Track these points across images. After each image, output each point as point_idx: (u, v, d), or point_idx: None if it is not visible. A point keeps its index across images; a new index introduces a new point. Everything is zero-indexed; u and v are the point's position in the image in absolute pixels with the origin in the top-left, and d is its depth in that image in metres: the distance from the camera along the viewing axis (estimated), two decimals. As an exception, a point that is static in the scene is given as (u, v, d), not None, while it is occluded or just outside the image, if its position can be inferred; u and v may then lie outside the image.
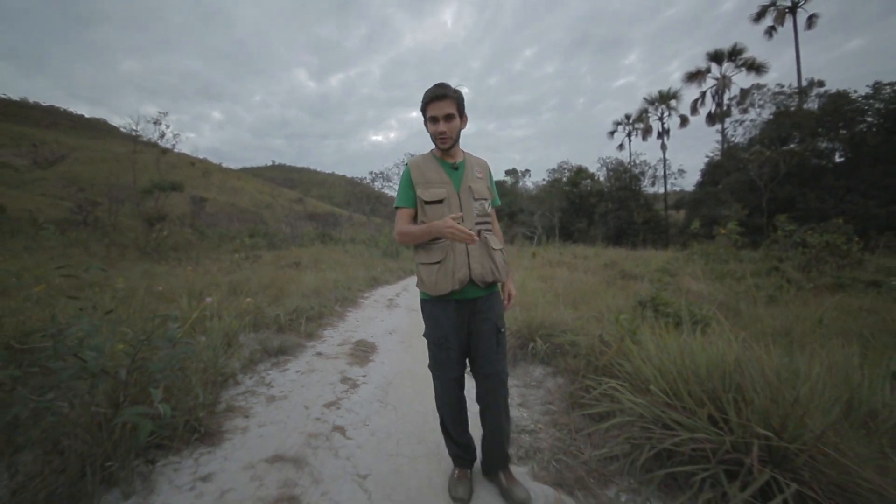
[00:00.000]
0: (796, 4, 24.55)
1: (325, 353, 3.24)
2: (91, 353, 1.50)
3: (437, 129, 1.42)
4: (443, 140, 1.44)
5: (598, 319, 3.31)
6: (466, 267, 1.42)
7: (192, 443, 1.77)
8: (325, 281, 6.25)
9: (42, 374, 1.56)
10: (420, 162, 1.52)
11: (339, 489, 1.55)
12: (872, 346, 2.99)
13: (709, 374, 1.67)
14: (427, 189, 1.44)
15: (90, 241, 12.22)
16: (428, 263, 1.45)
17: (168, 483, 1.53)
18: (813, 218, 16.59)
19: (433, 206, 1.44)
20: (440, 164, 1.50)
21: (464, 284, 1.43)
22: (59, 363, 1.51)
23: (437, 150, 1.52)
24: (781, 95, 22.65)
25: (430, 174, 1.47)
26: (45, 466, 1.35)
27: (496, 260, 1.49)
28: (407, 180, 1.49)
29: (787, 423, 1.33)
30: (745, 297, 5.66)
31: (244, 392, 2.39)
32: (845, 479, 1.17)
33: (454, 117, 1.41)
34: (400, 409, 2.28)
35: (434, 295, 1.45)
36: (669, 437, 1.48)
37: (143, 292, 4.49)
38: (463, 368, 1.54)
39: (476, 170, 1.54)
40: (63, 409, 1.47)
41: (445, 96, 1.38)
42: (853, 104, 19.71)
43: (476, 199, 1.47)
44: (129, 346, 1.72)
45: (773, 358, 1.79)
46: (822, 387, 1.65)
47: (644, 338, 2.17)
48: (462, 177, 1.49)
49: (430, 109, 1.41)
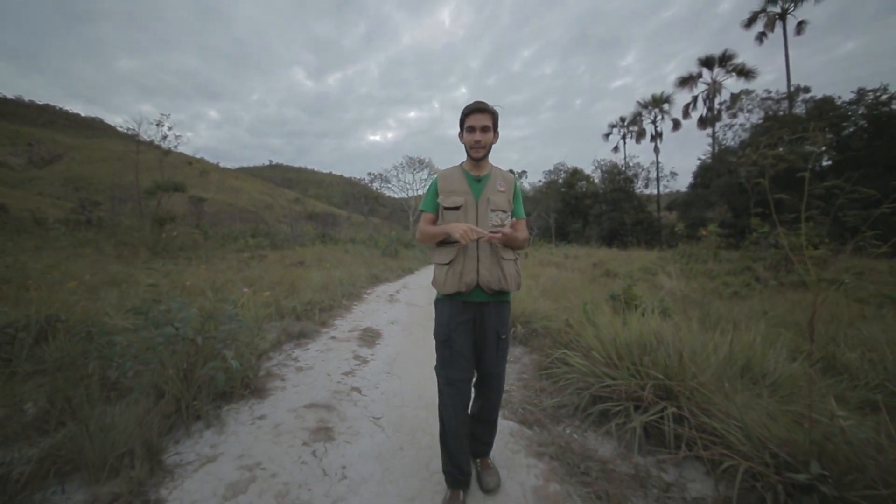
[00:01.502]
0: (786, 11, 25.18)
1: (338, 337, 3.80)
2: (180, 324, 2.05)
3: (473, 137, 1.51)
4: (477, 149, 1.53)
5: (569, 309, 3.88)
6: (475, 272, 1.49)
7: (246, 396, 2.33)
8: (330, 278, 6.79)
9: (139, 340, 2.11)
10: (447, 173, 1.62)
11: (359, 425, 2.11)
12: (799, 330, 3.61)
13: (635, 343, 2.24)
14: (448, 197, 1.55)
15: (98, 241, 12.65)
16: (441, 264, 1.55)
17: (234, 420, 2.09)
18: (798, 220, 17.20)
19: (450, 213, 1.54)
20: (465, 175, 1.59)
21: (470, 288, 1.49)
22: (153, 332, 2.05)
23: (466, 163, 1.62)
24: (769, 101, 23.35)
25: (454, 184, 1.57)
26: (153, 405, 1.90)
27: (505, 269, 1.52)
28: (433, 188, 1.61)
29: (673, 371, 1.90)
30: (710, 292, 6.26)
31: (276, 364, 2.95)
32: (708, 404, 1.74)
33: (489, 130, 1.52)
34: (403, 377, 2.84)
35: (443, 294, 1.56)
36: (600, 385, 2.05)
37: (170, 287, 5.01)
38: (469, 374, 1.55)
39: (499, 183, 1.58)
40: (159, 365, 2.02)
41: (485, 110, 1.50)
42: (837, 110, 20.34)
43: (493, 210, 1.53)
44: (197, 321, 2.27)
45: (688, 333, 2.37)
46: (720, 353, 2.22)
47: (598, 321, 2.74)
48: (483, 189, 1.56)
49: (470, 120, 1.51)
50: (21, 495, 1.40)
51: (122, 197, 23.98)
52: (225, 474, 1.64)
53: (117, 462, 1.58)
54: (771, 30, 25.63)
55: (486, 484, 1.59)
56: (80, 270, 6.41)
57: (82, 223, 17.23)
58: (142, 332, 2.14)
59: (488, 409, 1.66)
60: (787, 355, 2.51)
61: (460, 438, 1.52)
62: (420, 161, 27.85)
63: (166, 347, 2.09)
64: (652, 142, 30.84)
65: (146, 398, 1.93)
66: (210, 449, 1.82)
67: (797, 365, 2.29)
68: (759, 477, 1.38)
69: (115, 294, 4.51)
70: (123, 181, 24.30)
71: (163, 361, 2.07)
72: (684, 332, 2.41)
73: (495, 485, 1.59)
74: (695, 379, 1.88)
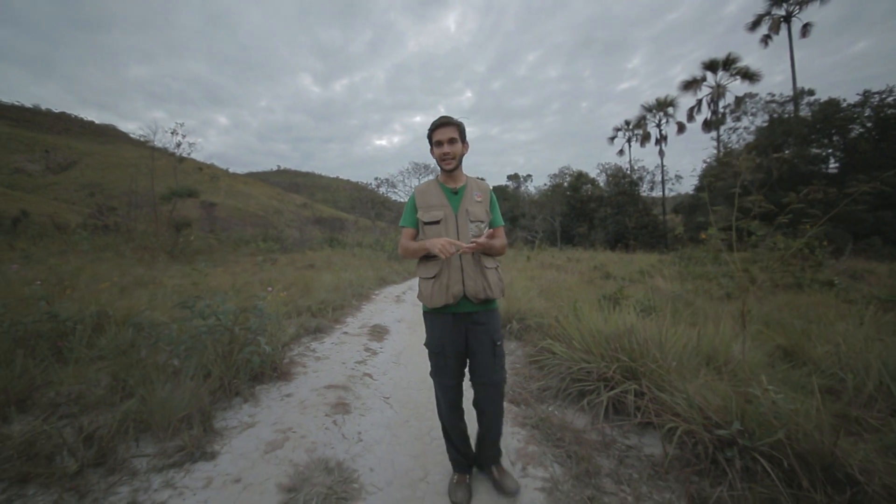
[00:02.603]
0: (791, 14, 25.20)
1: (350, 332, 4.17)
2: (222, 316, 2.43)
3: (441, 150, 1.56)
4: (447, 161, 1.57)
5: (562, 308, 4.20)
6: (460, 283, 1.52)
7: (274, 378, 2.71)
8: (340, 280, 7.19)
9: (186, 329, 2.49)
10: (424, 189, 1.66)
11: (371, 403, 2.47)
12: (776, 327, 3.90)
13: (611, 334, 2.57)
14: (427, 212, 1.59)
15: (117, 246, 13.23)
16: (426, 278, 1.58)
17: (266, 397, 2.46)
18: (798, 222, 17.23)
19: (431, 227, 1.58)
20: (442, 189, 1.63)
21: (457, 299, 1.53)
22: (199, 323, 2.44)
23: (441, 176, 1.66)
24: (773, 104, 23.39)
25: (432, 199, 1.61)
26: (202, 382, 2.28)
27: (489, 278, 1.56)
28: (412, 204, 1.65)
29: (637, 356, 2.23)
30: (703, 293, 6.52)
31: (297, 354, 3.33)
32: (663, 382, 2.06)
33: (456, 141, 1.56)
34: (408, 366, 3.20)
35: (431, 307, 1.58)
36: (578, 368, 2.39)
37: (195, 288, 5.44)
38: (460, 378, 1.63)
39: (476, 193, 1.62)
40: (204, 350, 2.40)
41: (449, 123, 1.56)
42: (843, 112, 20.30)
43: (472, 220, 1.57)
44: (232, 314, 2.65)
45: (657, 326, 2.69)
46: (683, 342, 2.54)
47: (582, 316, 3.07)
48: (461, 201, 1.60)
49: (437, 134, 1.57)
50: (108, 447, 1.78)
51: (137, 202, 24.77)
52: (263, 435, 2.02)
53: (178, 424, 1.96)
54: (776, 32, 25.66)
55: (507, 487, 1.60)
56: (106, 273, 6.87)
57: (99, 228, 17.93)
58: (188, 322, 2.53)
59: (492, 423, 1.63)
60: (752, 346, 2.82)
61: (459, 430, 1.67)
62: (425, 167, 28.38)
63: (209, 335, 2.48)
64: (657, 145, 30.96)
65: (195, 377, 2.32)
66: (249, 418, 2.20)
67: (757, 353, 2.60)
68: (695, 435, 1.70)
69: (145, 294, 4.95)
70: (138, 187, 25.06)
71: (207, 347, 2.45)
72: (655, 325, 2.73)
73: (515, 487, 1.60)
74: (655, 362, 2.20)
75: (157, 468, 1.70)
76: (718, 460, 1.60)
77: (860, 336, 3.21)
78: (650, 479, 1.70)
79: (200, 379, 2.26)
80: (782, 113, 22.67)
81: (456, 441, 1.67)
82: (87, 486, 1.56)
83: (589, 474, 1.74)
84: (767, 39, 26.10)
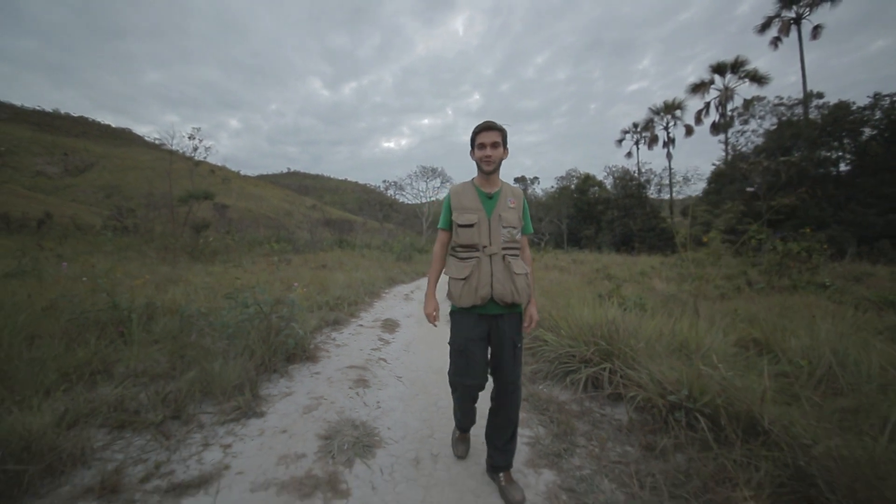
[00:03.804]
0: (801, 16, 25.07)
1: (364, 325, 4.62)
2: (262, 305, 2.89)
3: (484, 153, 1.61)
4: (488, 163, 1.61)
5: (559, 305, 4.58)
6: (489, 286, 1.57)
7: (303, 360, 3.15)
8: (352, 279, 7.66)
9: (232, 317, 2.95)
10: (460, 189, 1.70)
11: (386, 380, 2.90)
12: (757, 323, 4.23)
13: (595, 324, 2.95)
14: (462, 214, 1.63)
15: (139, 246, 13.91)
16: (457, 278, 1.63)
17: (298, 374, 2.91)
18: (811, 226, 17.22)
19: (464, 230, 1.62)
20: (477, 192, 1.66)
21: (485, 301, 1.58)
22: (242, 311, 2.89)
23: (477, 179, 1.70)
24: (781, 107, 23.33)
25: (467, 201, 1.65)
26: (248, 360, 2.73)
27: (517, 283, 1.60)
28: (447, 205, 1.69)
29: (612, 341, 2.62)
30: (699, 294, 6.82)
31: (320, 341, 3.78)
32: (633, 362, 2.44)
33: (499, 145, 1.61)
34: (417, 354, 3.62)
35: (459, 307, 1.64)
36: (563, 352, 2.78)
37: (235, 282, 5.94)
38: (482, 379, 1.66)
39: (510, 199, 1.65)
40: (248, 334, 2.86)
41: (494, 128, 1.61)
42: (853, 115, 20.18)
43: (504, 226, 1.61)
44: (270, 305, 3.11)
45: (636, 319, 3.06)
46: (661, 332, 2.91)
47: (572, 310, 3.45)
48: (495, 205, 1.63)
49: (481, 137, 1.62)
50: (181, 406, 2.22)
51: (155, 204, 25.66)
52: (300, 402, 2.46)
53: (232, 391, 2.41)
54: (786, 34, 25.52)
55: (512, 497, 1.57)
56: (137, 271, 7.43)
57: (119, 229, 18.72)
58: (232, 311, 2.99)
59: (507, 422, 1.68)
60: (725, 338, 3.17)
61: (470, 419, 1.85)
62: (433, 170, 28.91)
63: (251, 322, 2.93)
64: (664, 148, 30.97)
65: (242, 355, 2.77)
66: (286, 388, 2.64)
67: (727, 343, 2.95)
68: (653, 401, 2.08)
69: (178, 289, 5.45)
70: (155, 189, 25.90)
71: (250, 331, 2.91)
72: (634, 318, 3.11)
73: (521, 497, 1.58)
74: (628, 346, 2.58)
75: (220, 422, 2.15)
76: (669, 420, 1.98)
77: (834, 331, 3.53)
78: (615, 437, 2.09)
79: (247, 357, 2.71)
80: (791, 116, 22.61)
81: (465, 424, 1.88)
82: (170, 432, 2.01)
83: (566, 433, 2.13)
84: (777, 42, 25.99)
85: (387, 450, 1.98)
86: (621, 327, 2.79)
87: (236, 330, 2.85)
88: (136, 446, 1.87)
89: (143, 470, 1.70)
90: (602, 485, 1.70)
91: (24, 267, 6.42)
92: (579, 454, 1.95)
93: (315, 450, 1.93)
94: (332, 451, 1.91)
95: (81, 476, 1.63)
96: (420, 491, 1.67)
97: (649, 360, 2.44)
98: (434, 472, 1.80)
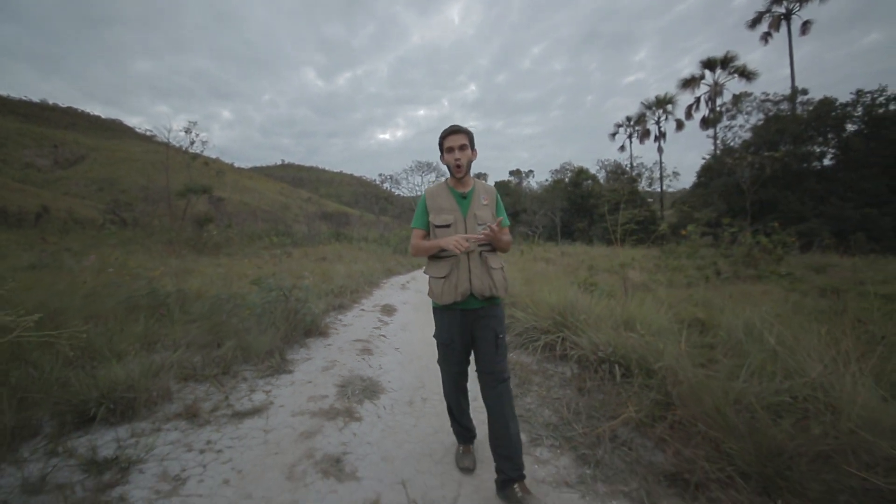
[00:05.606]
0: (790, 11, 25.52)
1: (365, 309, 5.27)
2: (285, 289, 3.51)
3: (452, 157, 1.65)
4: (458, 168, 1.66)
5: (537, 291, 5.25)
6: (468, 282, 1.64)
7: (316, 336, 3.80)
8: (352, 270, 8.28)
9: (258, 299, 3.57)
10: (435, 191, 1.76)
11: (386, 350, 3.56)
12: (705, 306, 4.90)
13: (556, 304, 3.61)
14: (438, 215, 1.69)
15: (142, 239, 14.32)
16: (437, 277, 1.70)
17: (314, 346, 3.56)
18: (792, 220, 17.95)
19: (441, 230, 1.69)
20: (451, 193, 1.72)
21: (465, 297, 1.65)
22: (267, 294, 3.52)
23: (450, 180, 1.75)
24: (767, 102, 23.94)
25: (442, 202, 1.71)
26: (274, 335, 3.36)
27: (494, 277, 1.67)
28: (423, 206, 1.75)
29: (566, 315, 3.28)
30: (667, 283, 7.53)
31: (328, 322, 4.42)
32: (581, 332, 3.11)
33: (466, 148, 1.66)
34: (412, 332, 4.28)
35: (440, 304, 1.70)
36: (528, 326, 3.45)
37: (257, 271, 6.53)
38: (465, 366, 1.81)
39: (483, 197, 1.71)
40: (273, 313, 3.49)
41: (460, 131, 1.66)
42: (836, 111, 20.80)
43: (480, 224, 1.65)
44: (287, 289, 3.73)
45: (590, 299, 3.73)
46: (610, 311, 3.58)
47: (540, 294, 4.12)
48: (469, 205, 1.70)
49: (448, 141, 1.66)
50: (228, 365, 2.86)
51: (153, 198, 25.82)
52: (318, 365, 3.11)
53: (265, 356, 3.05)
54: (776, 30, 26.01)
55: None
56: (149, 263, 7.96)
57: (117, 223, 19.02)
58: (259, 294, 3.62)
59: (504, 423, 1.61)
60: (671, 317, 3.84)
61: (461, 408, 1.87)
62: (428, 164, 29.38)
63: (274, 304, 3.56)
64: (655, 142, 31.61)
65: (270, 329, 3.40)
66: (306, 355, 3.30)
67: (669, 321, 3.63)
68: (588, 358, 2.76)
69: (194, 279, 6.03)
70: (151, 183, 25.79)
71: (275, 311, 3.54)
72: (590, 299, 3.78)
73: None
74: (577, 320, 3.25)
75: (260, 376, 2.80)
76: (599, 370, 2.65)
77: (772, 312, 4.21)
78: (560, 385, 2.76)
79: (274, 331, 3.35)
80: (777, 111, 23.21)
81: (458, 416, 1.88)
82: (223, 382, 2.65)
83: (525, 384, 2.80)
84: (767, 37, 26.50)
85: (388, 395, 2.64)
86: (577, 306, 3.46)
87: (263, 310, 3.48)
88: (201, 391, 2.52)
89: (211, 404, 2.35)
90: (543, 413, 2.38)
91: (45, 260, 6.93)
92: (531, 396, 2.62)
93: (334, 393, 2.59)
94: (347, 394, 2.57)
95: (168, 407, 2.28)
96: (413, 419, 2.33)
97: (594, 330, 3.11)
98: (423, 409, 2.47)
